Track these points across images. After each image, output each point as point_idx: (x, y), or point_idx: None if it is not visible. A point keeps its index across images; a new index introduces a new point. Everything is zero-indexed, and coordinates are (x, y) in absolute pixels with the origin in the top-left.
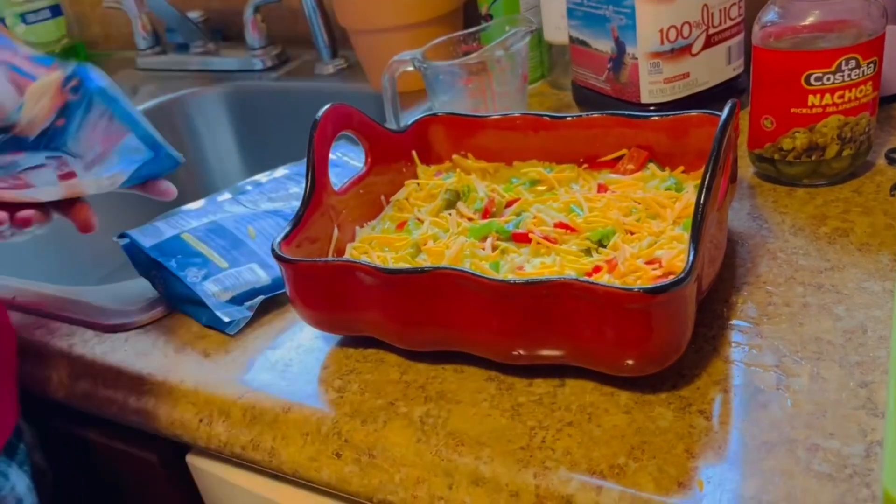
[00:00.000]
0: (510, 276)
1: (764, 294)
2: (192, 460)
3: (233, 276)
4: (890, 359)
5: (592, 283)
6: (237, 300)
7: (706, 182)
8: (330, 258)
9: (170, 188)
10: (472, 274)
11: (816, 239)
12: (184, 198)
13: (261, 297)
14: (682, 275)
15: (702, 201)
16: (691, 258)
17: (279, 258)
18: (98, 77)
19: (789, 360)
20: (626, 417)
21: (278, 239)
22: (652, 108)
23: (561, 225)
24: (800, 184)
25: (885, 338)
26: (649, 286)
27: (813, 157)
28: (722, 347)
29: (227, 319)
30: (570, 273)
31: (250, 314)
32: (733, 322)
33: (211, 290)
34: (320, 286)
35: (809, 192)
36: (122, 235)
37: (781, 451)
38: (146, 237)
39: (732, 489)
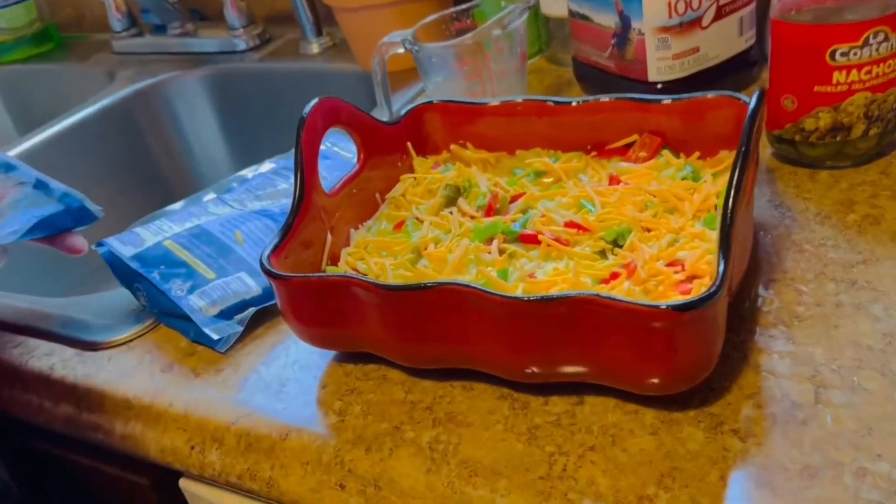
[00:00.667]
0: (522, 292)
1: (793, 292)
2: (186, 485)
3: (220, 288)
4: None
5: (615, 298)
6: (226, 314)
7: (735, 182)
8: (324, 274)
9: (78, 245)
10: (481, 290)
11: (845, 228)
12: (169, 189)
13: (251, 310)
14: (713, 289)
15: (730, 204)
16: (721, 270)
17: (269, 273)
18: None
19: (826, 370)
20: (653, 440)
21: (267, 251)
22: (660, 86)
23: (572, 224)
24: (822, 166)
25: None
26: (678, 303)
27: (837, 138)
28: (752, 355)
29: (216, 337)
30: (585, 279)
31: (241, 329)
32: (762, 326)
33: (197, 304)
34: (314, 302)
35: (833, 174)
36: (100, 244)
37: (826, 478)
38: (126, 246)
39: None
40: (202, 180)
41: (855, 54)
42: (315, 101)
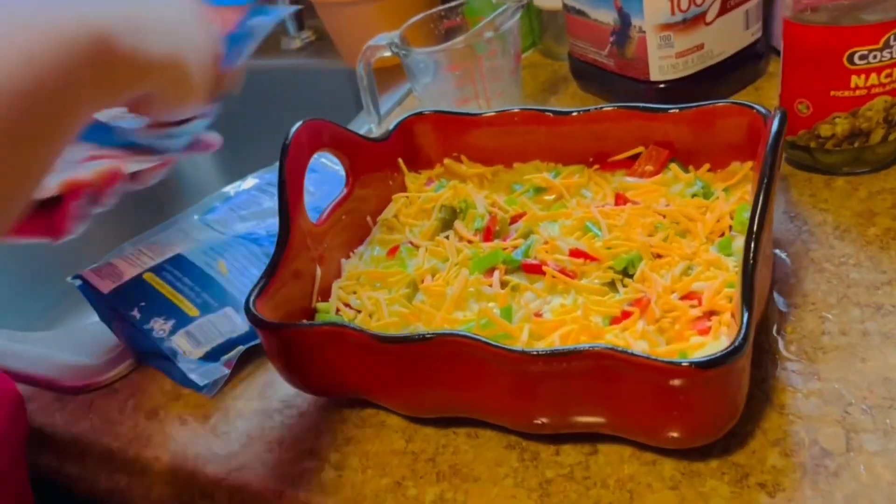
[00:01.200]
0: (528, 334)
1: (815, 320)
2: None
3: (205, 327)
4: None
5: (632, 354)
6: (212, 355)
7: (756, 221)
8: (314, 322)
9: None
10: (486, 343)
11: (867, 244)
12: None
13: (240, 349)
14: (738, 342)
15: (752, 247)
16: (745, 321)
17: (255, 321)
18: None
19: (856, 410)
20: (673, 495)
21: (253, 295)
22: (663, 85)
23: (578, 252)
24: (839, 172)
25: None
26: (700, 360)
27: (855, 144)
28: (775, 394)
29: (202, 382)
30: (595, 318)
31: (228, 372)
32: (785, 359)
33: (181, 346)
34: (306, 351)
35: (850, 181)
36: (76, 276)
37: None
38: (103, 280)
39: None
40: (190, 194)
41: (875, 57)
42: (298, 124)
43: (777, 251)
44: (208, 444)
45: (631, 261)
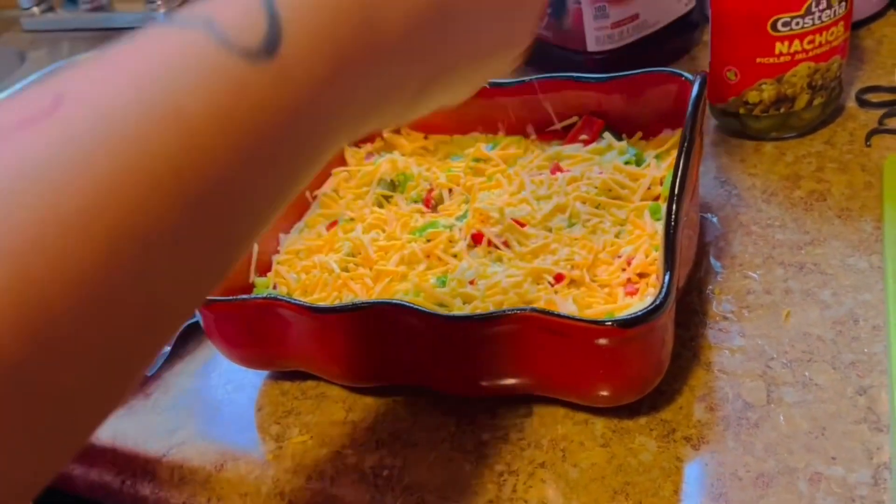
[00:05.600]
0: (462, 302)
1: (742, 280)
2: None
3: None
4: (889, 358)
5: (557, 315)
6: None
7: (677, 185)
8: (248, 297)
9: None
10: (418, 309)
11: (792, 206)
12: None
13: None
14: (658, 301)
15: (673, 215)
16: (666, 280)
17: None
18: None
19: (777, 364)
20: (604, 452)
21: None
22: (599, 56)
23: (514, 221)
24: (768, 137)
25: (878, 328)
26: (622, 318)
27: (781, 110)
28: (702, 352)
29: None
30: (527, 286)
31: (168, 349)
32: (711, 318)
33: None
34: (241, 325)
35: (778, 146)
36: None
37: (781, 485)
38: None
39: None
40: None
41: (797, 24)
42: None
43: (708, 215)
44: (149, 420)
45: (565, 228)
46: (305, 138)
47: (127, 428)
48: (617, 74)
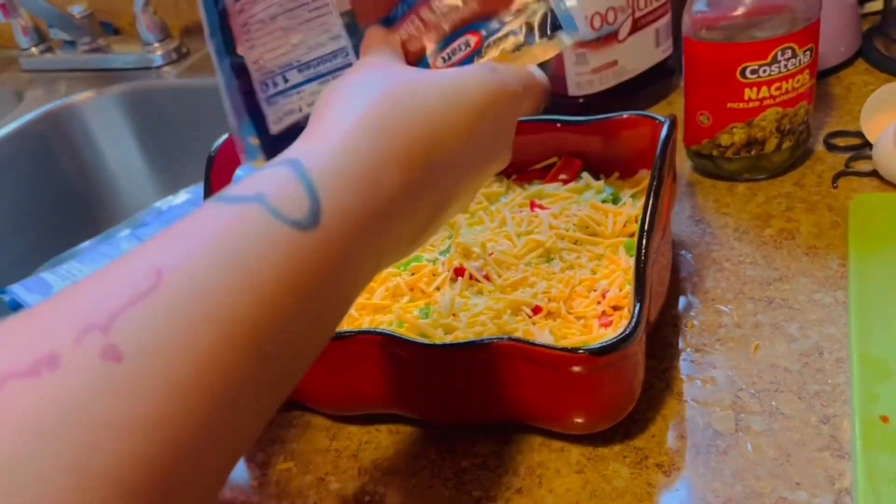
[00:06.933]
0: (444, 333)
1: (714, 314)
2: None
3: None
4: (851, 388)
5: (532, 343)
6: None
7: (647, 220)
8: None
9: None
10: (401, 338)
11: (762, 244)
12: (88, 217)
13: None
14: (629, 330)
15: (644, 243)
16: (636, 311)
17: None
18: None
19: (746, 395)
20: (579, 478)
21: None
22: (581, 100)
23: (495, 256)
24: (740, 179)
25: (842, 360)
26: (594, 347)
27: (752, 152)
28: (674, 383)
29: None
30: (506, 317)
31: None
32: (685, 350)
33: None
34: None
35: (750, 187)
36: (3, 291)
37: None
38: (32, 294)
39: None
40: (123, 207)
41: (764, 71)
42: (224, 136)
43: (683, 252)
44: None
45: (543, 262)
46: (343, 286)
47: None
48: (594, 117)
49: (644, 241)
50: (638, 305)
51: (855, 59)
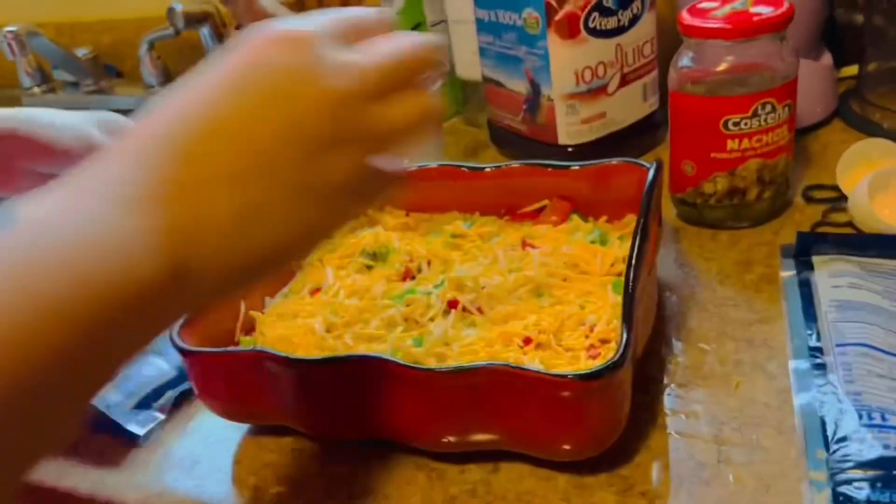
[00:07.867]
0: (436, 361)
1: (697, 352)
2: None
3: (133, 377)
4: None
5: (522, 368)
6: (144, 403)
7: (634, 254)
8: (236, 349)
9: None
10: (395, 362)
11: (744, 288)
12: None
13: (170, 394)
14: (617, 357)
15: (631, 275)
16: (624, 339)
17: (179, 349)
18: None
19: (728, 429)
20: None
21: (176, 326)
22: (570, 149)
23: (487, 291)
24: (723, 226)
25: None
26: (583, 372)
27: (734, 201)
28: (659, 416)
29: (141, 432)
30: (498, 347)
31: (163, 417)
32: (669, 385)
33: (113, 400)
34: (227, 377)
35: (733, 234)
36: None
37: None
38: None
39: None
40: None
41: (746, 124)
42: None
43: (668, 294)
44: (126, 473)
45: (533, 298)
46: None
47: (106, 479)
48: (584, 163)
49: (632, 272)
50: (626, 332)
51: (832, 118)
